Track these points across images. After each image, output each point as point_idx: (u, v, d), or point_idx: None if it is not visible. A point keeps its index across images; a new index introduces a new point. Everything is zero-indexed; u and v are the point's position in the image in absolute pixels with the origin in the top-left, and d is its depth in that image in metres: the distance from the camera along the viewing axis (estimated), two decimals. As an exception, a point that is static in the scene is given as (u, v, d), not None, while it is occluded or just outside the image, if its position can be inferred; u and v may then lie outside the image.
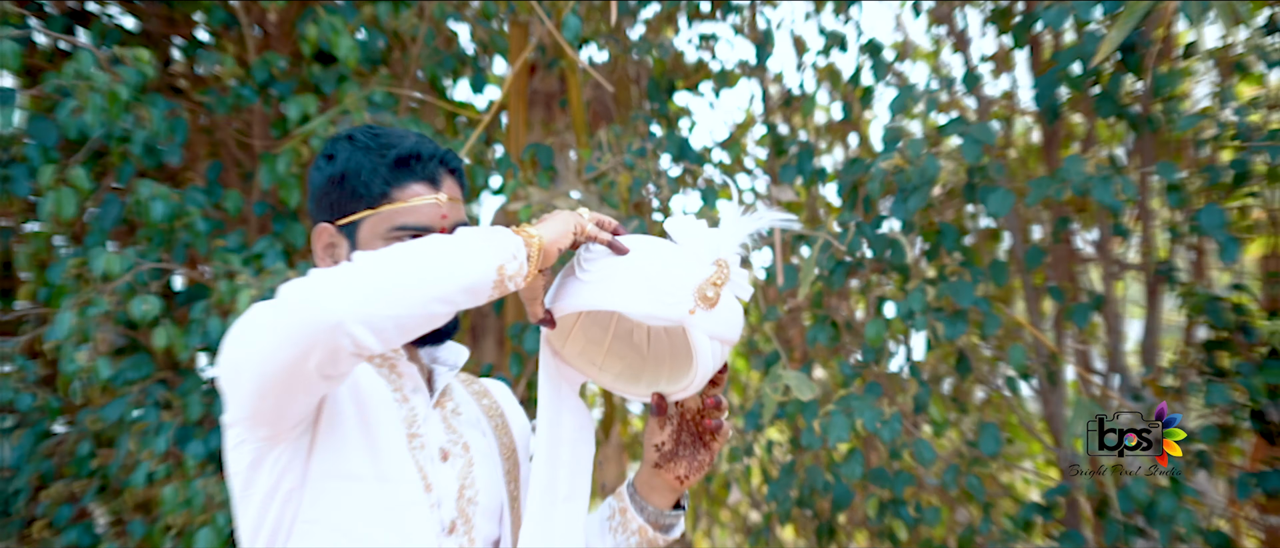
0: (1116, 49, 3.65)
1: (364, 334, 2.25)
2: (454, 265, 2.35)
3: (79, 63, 3.99)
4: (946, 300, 4.04)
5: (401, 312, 2.28)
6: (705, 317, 2.50)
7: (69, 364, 3.98)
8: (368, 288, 2.28)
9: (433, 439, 2.70)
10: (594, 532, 2.85)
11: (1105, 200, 3.74)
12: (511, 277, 2.37)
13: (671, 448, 2.73)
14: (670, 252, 2.53)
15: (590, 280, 2.52)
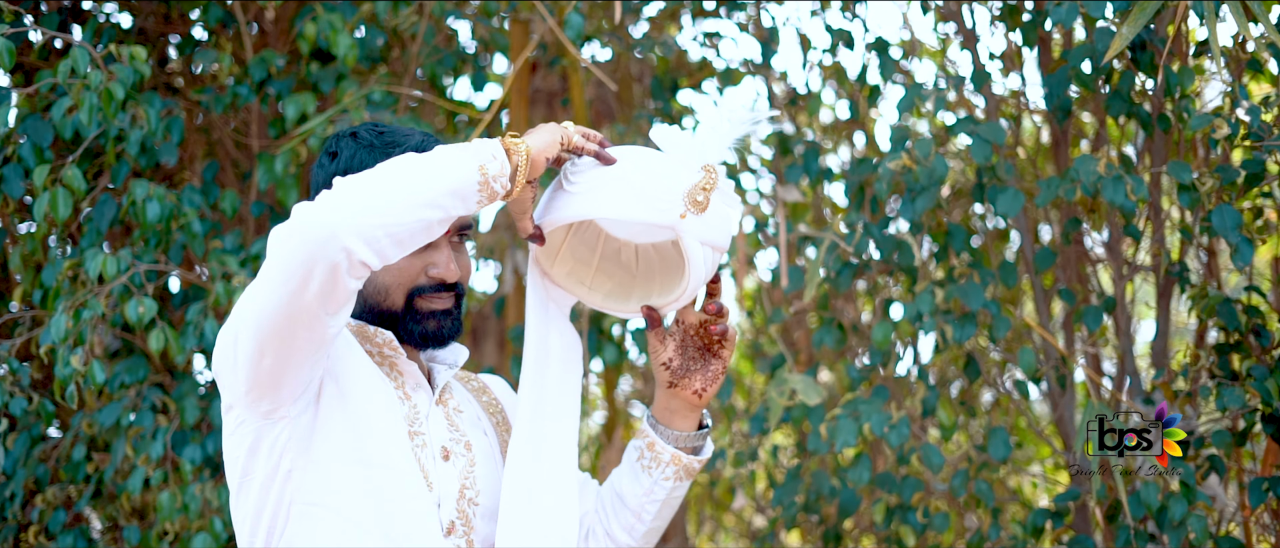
0: (1127, 46, 3.58)
1: (359, 246, 2.29)
2: (436, 169, 2.38)
3: (73, 61, 3.93)
4: (955, 303, 3.99)
5: (392, 221, 2.32)
6: (696, 221, 2.52)
7: (63, 368, 3.93)
8: (357, 202, 2.31)
9: (435, 438, 2.67)
10: (626, 481, 2.82)
11: (1117, 201, 3.68)
12: (496, 177, 2.40)
13: (681, 364, 2.74)
14: (657, 160, 2.56)
15: (578, 191, 2.53)
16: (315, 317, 2.37)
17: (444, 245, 2.67)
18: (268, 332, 2.40)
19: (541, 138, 2.50)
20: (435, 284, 2.67)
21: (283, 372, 2.45)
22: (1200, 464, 3.91)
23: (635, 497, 2.82)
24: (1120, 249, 4.22)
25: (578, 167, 2.57)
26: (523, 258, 5.04)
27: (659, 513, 2.84)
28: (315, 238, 2.29)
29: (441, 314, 2.69)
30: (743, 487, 5.01)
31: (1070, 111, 3.99)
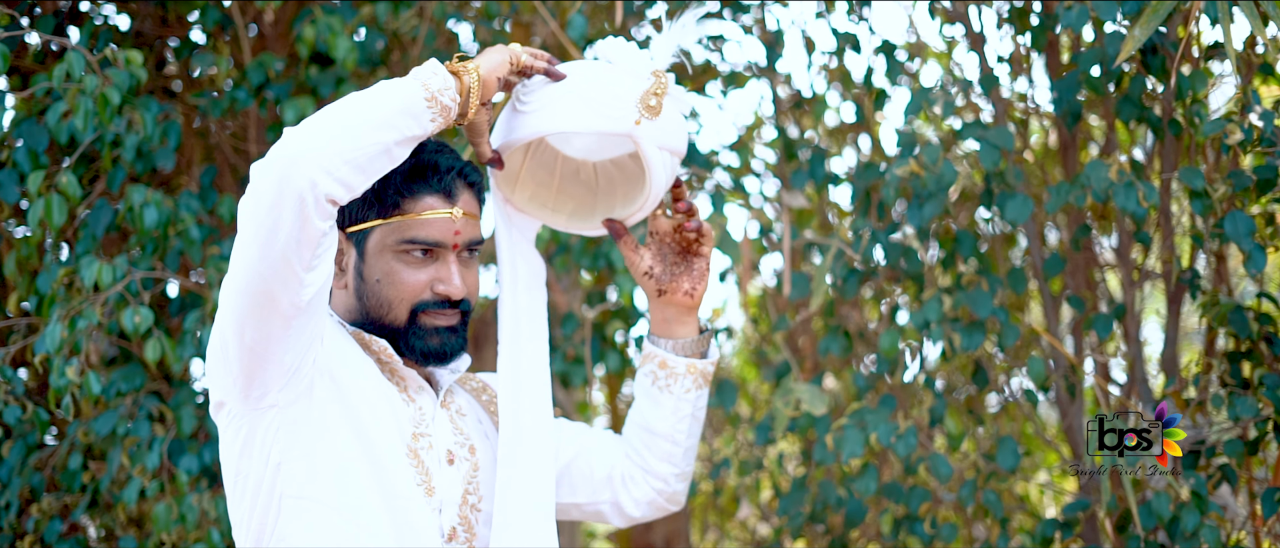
0: (1138, 50, 3.52)
1: (321, 177, 2.32)
2: (382, 94, 2.43)
3: (68, 65, 3.89)
4: (963, 310, 3.93)
5: (348, 147, 2.35)
6: (651, 126, 2.58)
7: (58, 379, 3.88)
8: (312, 136, 2.35)
9: (440, 441, 2.66)
10: (649, 412, 2.88)
11: (1128, 208, 3.62)
12: (441, 90, 2.45)
13: (663, 270, 2.81)
14: (607, 71, 2.61)
15: (532, 110, 2.59)
16: (290, 271, 2.38)
17: (451, 261, 2.65)
18: (247, 298, 2.41)
19: (491, 59, 2.55)
20: (440, 300, 2.65)
21: (267, 345, 2.45)
22: (1212, 474, 3.85)
23: (664, 422, 2.88)
24: (1130, 255, 4.15)
25: (529, 87, 2.61)
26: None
27: (690, 431, 2.91)
28: (277, 174, 2.33)
29: (445, 331, 2.67)
30: (747, 495, 4.96)
31: (1080, 116, 3.93)
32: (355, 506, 2.54)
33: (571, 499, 2.95)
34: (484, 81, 2.54)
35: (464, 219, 2.65)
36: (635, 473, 2.93)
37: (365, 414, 2.57)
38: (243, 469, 2.57)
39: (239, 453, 2.57)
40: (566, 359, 4.43)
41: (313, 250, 2.39)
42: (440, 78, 2.48)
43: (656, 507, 2.97)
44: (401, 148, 2.45)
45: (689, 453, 2.95)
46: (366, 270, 2.65)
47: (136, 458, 4.08)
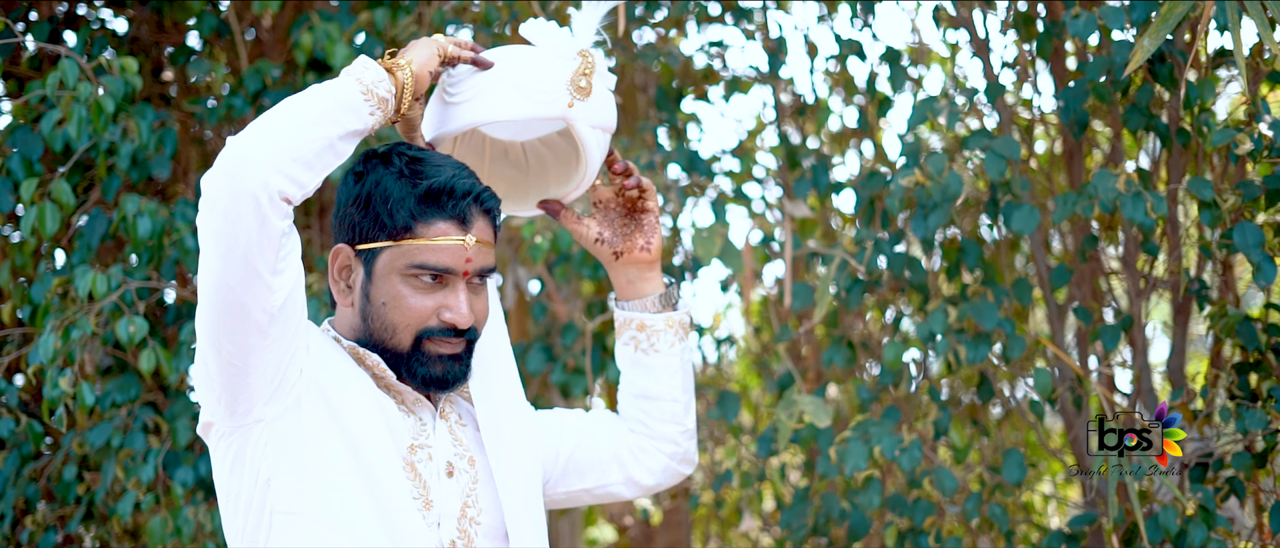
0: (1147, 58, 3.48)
1: (271, 175, 2.31)
2: (319, 92, 2.43)
3: (62, 73, 3.84)
4: (969, 322, 3.89)
5: (292, 145, 2.35)
6: (583, 107, 2.59)
7: (52, 390, 3.83)
8: (256, 139, 2.34)
9: (440, 452, 2.61)
10: (640, 379, 2.88)
11: (1137, 219, 3.58)
12: (376, 83, 2.46)
13: (613, 233, 2.82)
14: (533, 55, 2.61)
15: (463, 100, 2.59)
16: (257, 277, 2.35)
17: (460, 288, 2.59)
18: (219, 312, 2.39)
19: (421, 53, 2.55)
20: (446, 328, 2.59)
21: (246, 358, 2.42)
22: (1219, 487, 3.82)
23: (659, 383, 2.87)
24: (1136, 264, 4.10)
25: (456, 76, 2.62)
26: (525, 273, 4.94)
27: (685, 384, 2.91)
28: (227, 180, 2.32)
29: (449, 359, 2.61)
30: (750, 505, 4.90)
31: (1087, 125, 3.89)
32: (349, 520, 2.49)
33: (580, 486, 2.93)
34: (417, 77, 2.53)
35: (476, 246, 2.59)
36: (643, 443, 2.91)
37: (356, 428, 2.52)
38: (233, 488, 2.53)
39: (229, 472, 2.53)
40: (567, 370, 4.39)
41: (275, 252, 2.36)
42: (372, 71, 2.48)
43: (671, 473, 2.95)
44: (346, 143, 2.44)
45: (689, 407, 2.94)
46: (373, 292, 2.59)
47: (132, 471, 4.04)
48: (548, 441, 2.86)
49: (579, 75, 2.61)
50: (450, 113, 2.63)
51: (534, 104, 2.60)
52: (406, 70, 2.51)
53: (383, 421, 2.56)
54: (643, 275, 2.87)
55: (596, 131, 2.66)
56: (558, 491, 2.91)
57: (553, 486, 2.89)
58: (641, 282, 2.87)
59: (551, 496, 2.91)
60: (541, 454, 2.83)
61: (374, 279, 2.58)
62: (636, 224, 2.85)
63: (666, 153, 4.46)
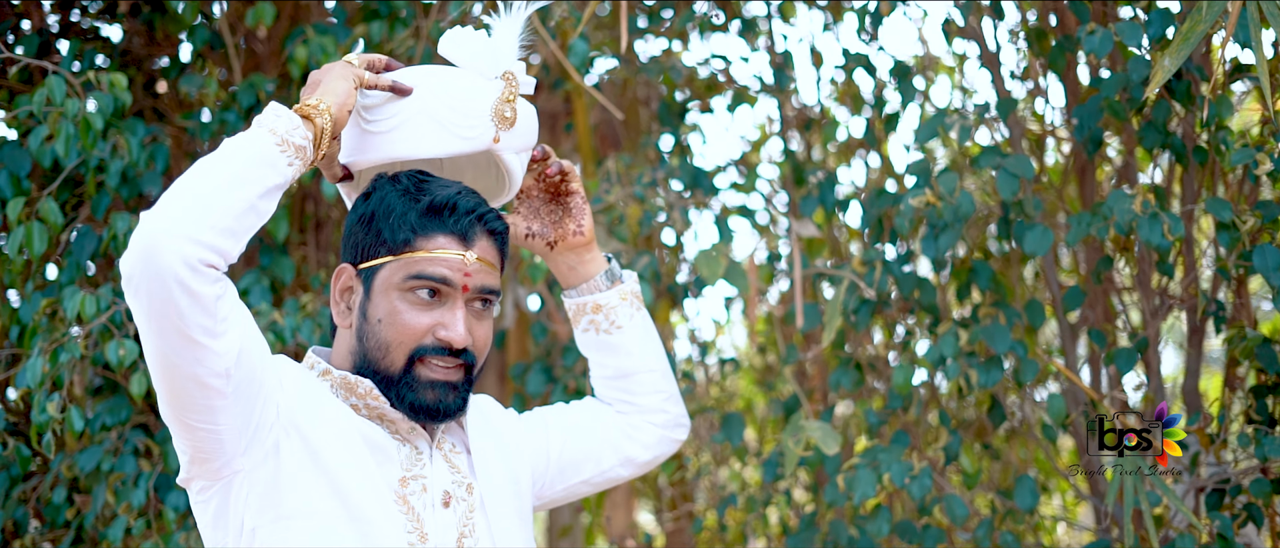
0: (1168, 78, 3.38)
1: (189, 247, 2.20)
2: (231, 151, 2.32)
3: (49, 89, 3.75)
4: (980, 345, 3.80)
5: (210, 212, 2.25)
6: (508, 137, 2.53)
7: (40, 414, 3.74)
8: (169, 210, 2.24)
9: (436, 482, 2.53)
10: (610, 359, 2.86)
11: (1153, 241, 3.48)
12: (292, 131, 2.35)
13: (541, 223, 2.76)
14: (455, 81, 2.52)
15: (383, 131, 2.50)
16: (197, 346, 2.27)
17: (458, 306, 2.52)
18: (172, 384, 2.33)
19: (337, 89, 2.45)
20: (440, 346, 2.50)
21: (213, 419, 2.36)
22: (1237, 514, 3.72)
23: (631, 358, 2.85)
24: (1151, 285, 4.00)
25: (373, 98, 2.53)
26: (524, 292, 4.85)
27: (656, 349, 2.89)
28: (143, 263, 2.23)
29: (443, 386, 2.54)
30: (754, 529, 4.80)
31: (1101, 143, 3.79)
32: None
33: (578, 479, 2.88)
34: (336, 119, 2.44)
35: (478, 264, 2.52)
36: (633, 420, 2.89)
37: (339, 468, 2.44)
38: (218, 540, 2.46)
39: (212, 524, 2.46)
40: (567, 391, 4.29)
41: (211, 317, 2.26)
42: (285, 120, 2.38)
43: (666, 441, 2.93)
44: (267, 200, 2.34)
45: (667, 371, 2.91)
46: (371, 309, 2.52)
47: (122, 495, 3.94)
48: (536, 445, 2.82)
49: (503, 103, 2.54)
50: (370, 142, 2.55)
51: (457, 141, 2.53)
52: (325, 116, 2.41)
53: (370, 455, 2.49)
54: (582, 259, 2.82)
55: (521, 154, 2.62)
56: (556, 489, 2.86)
57: (549, 485, 2.84)
58: (582, 265, 2.83)
59: (550, 495, 2.86)
60: (532, 462, 2.79)
61: (372, 296, 2.52)
62: (564, 209, 2.79)
63: (670, 169, 4.37)
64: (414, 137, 2.51)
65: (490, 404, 2.83)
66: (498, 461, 2.68)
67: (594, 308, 2.83)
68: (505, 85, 2.56)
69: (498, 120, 2.54)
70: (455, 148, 2.53)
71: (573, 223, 2.78)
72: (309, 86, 2.49)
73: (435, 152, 2.52)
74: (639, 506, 5.42)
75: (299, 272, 4.31)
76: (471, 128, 2.52)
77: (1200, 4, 3.26)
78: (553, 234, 2.78)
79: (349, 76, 2.47)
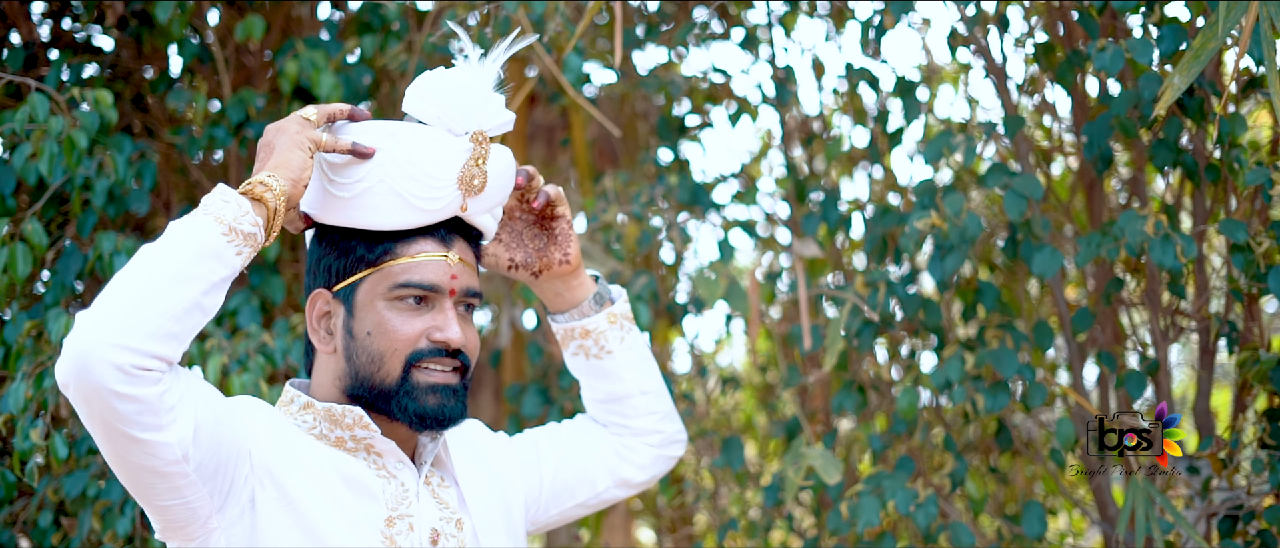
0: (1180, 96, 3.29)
1: (126, 356, 2.08)
2: (174, 245, 2.19)
3: (31, 107, 3.67)
4: (987, 369, 3.70)
5: (147, 319, 2.12)
6: (476, 201, 2.42)
7: (23, 442, 3.64)
8: (101, 323, 2.11)
9: (423, 520, 2.45)
10: (603, 384, 2.78)
11: (1166, 264, 3.39)
12: (240, 218, 2.22)
13: (526, 253, 2.67)
14: (419, 148, 2.38)
15: (345, 196, 2.39)
16: (147, 443, 2.18)
17: (448, 308, 2.45)
18: (130, 477, 2.25)
19: (291, 161, 2.32)
20: (436, 348, 2.43)
21: (182, 496, 2.28)
22: (1250, 541, 3.63)
23: (623, 382, 2.78)
24: (1161, 304, 3.91)
25: (335, 157, 2.41)
26: (519, 311, 4.76)
27: (649, 370, 2.81)
28: (76, 379, 2.12)
29: (443, 389, 2.46)
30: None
31: (1111, 161, 3.70)
32: None
33: (573, 502, 2.82)
34: (290, 197, 2.32)
35: (460, 265, 2.46)
36: (628, 442, 2.82)
37: (317, 516, 2.37)
38: None
39: None
40: (563, 413, 4.20)
41: (155, 415, 2.16)
42: (233, 205, 2.25)
43: (662, 460, 2.87)
44: (213, 295, 2.23)
45: (661, 392, 2.83)
46: (356, 326, 2.44)
47: (108, 522, 3.85)
48: (528, 469, 2.75)
49: (472, 167, 2.43)
50: (332, 203, 2.44)
51: (420, 214, 2.43)
52: (278, 196, 2.29)
53: (352, 497, 2.42)
54: (569, 285, 2.74)
55: (493, 212, 2.55)
56: (550, 513, 2.80)
57: (543, 510, 2.78)
58: (569, 291, 2.75)
59: (545, 519, 2.80)
60: (525, 488, 2.73)
61: (356, 313, 2.45)
62: (549, 235, 2.70)
63: (668, 188, 4.28)
64: (374, 208, 2.41)
65: (478, 428, 2.77)
66: (488, 489, 2.61)
67: (582, 333, 2.75)
68: (475, 147, 2.44)
69: (465, 189, 2.43)
70: (419, 220, 2.43)
71: (558, 252, 2.69)
72: (262, 149, 2.37)
73: (397, 224, 2.42)
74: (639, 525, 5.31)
75: (290, 291, 4.22)
76: (435, 199, 2.42)
77: (1213, 19, 3.16)
78: (538, 263, 2.69)
79: (304, 143, 2.34)
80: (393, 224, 2.41)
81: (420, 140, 2.42)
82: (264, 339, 3.77)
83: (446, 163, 2.41)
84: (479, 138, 2.44)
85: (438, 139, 2.43)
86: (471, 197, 2.44)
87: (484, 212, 2.50)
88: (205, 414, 2.25)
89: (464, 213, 2.46)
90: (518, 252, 2.68)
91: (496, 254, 2.68)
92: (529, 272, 2.69)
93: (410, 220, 2.41)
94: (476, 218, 2.50)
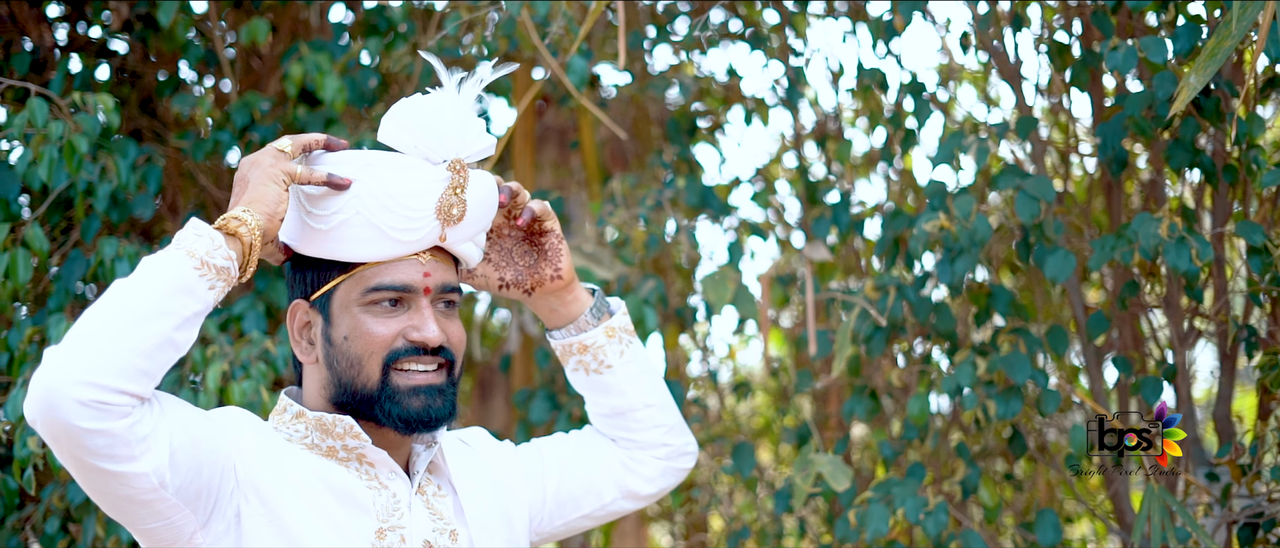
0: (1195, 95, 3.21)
1: (88, 393, 2.05)
2: (145, 280, 2.15)
3: (31, 112, 3.63)
4: (999, 374, 3.63)
5: (117, 355, 2.10)
6: (455, 231, 2.37)
7: (21, 449, 3.61)
8: (69, 360, 2.07)
9: (416, 531, 2.41)
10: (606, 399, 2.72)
11: (1181, 267, 3.31)
12: (213, 252, 2.19)
13: (516, 271, 2.61)
14: (395, 178, 2.33)
15: (323, 228, 2.34)
16: (121, 475, 2.15)
17: (424, 307, 2.41)
18: (110, 507, 2.22)
19: (265, 198, 2.29)
20: (414, 348, 2.39)
21: (168, 518, 2.24)
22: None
23: (626, 396, 2.70)
24: (1180, 309, 3.83)
25: (312, 188, 2.36)
26: (530, 317, 4.72)
27: (654, 383, 2.73)
28: (43, 416, 2.08)
29: (427, 390, 2.41)
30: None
31: (1126, 163, 3.62)
32: None
33: (578, 513, 2.75)
34: (266, 231, 2.28)
35: (432, 261, 2.42)
36: (635, 455, 2.75)
37: (303, 531, 2.33)
38: None
39: None
40: (572, 420, 4.16)
41: (127, 446, 2.13)
42: (206, 240, 2.21)
43: (671, 473, 2.80)
44: (186, 331, 2.18)
45: (666, 405, 2.76)
46: (334, 332, 2.40)
47: (112, 528, 3.82)
48: (531, 479, 2.69)
49: (450, 196, 2.38)
50: (310, 235, 2.39)
51: (400, 246, 2.38)
52: (252, 231, 2.25)
53: (342, 509, 2.37)
54: (563, 300, 2.66)
55: (476, 238, 2.50)
56: (555, 524, 2.74)
57: (547, 521, 2.72)
58: (564, 306, 2.67)
59: (549, 530, 2.74)
60: (528, 497, 2.68)
61: (333, 320, 2.41)
62: (539, 251, 2.63)
63: (677, 191, 4.22)
64: (352, 240, 2.36)
65: (481, 437, 2.72)
66: (489, 499, 2.56)
67: (580, 348, 2.67)
68: (453, 176, 2.38)
69: (443, 218, 2.38)
70: (396, 252, 2.38)
71: (549, 267, 2.62)
72: (238, 183, 2.33)
73: (376, 256, 2.37)
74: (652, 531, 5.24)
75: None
76: (413, 230, 2.37)
77: (1229, 16, 3.09)
78: (529, 281, 2.62)
79: (278, 177, 2.30)
80: (371, 256, 2.37)
81: (396, 171, 2.37)
82: (267, 346, 3.73)
83: (423, 193, 2.37)
84: (457, 166, 2.39)
85: (414, 169, 2.38)
86: (450, 226, 2.39)
87: (464, 241, 2.45)
88: (181, 438, 2.21)
89: (443, 242, 2.41)
90: (508, 270, 2.62)
91: (486, 274, 2.61)
92: (521, 289, 2.62)
93: (388, 252, 2.37)
94: (457, 247, 2.45)
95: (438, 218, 2.37)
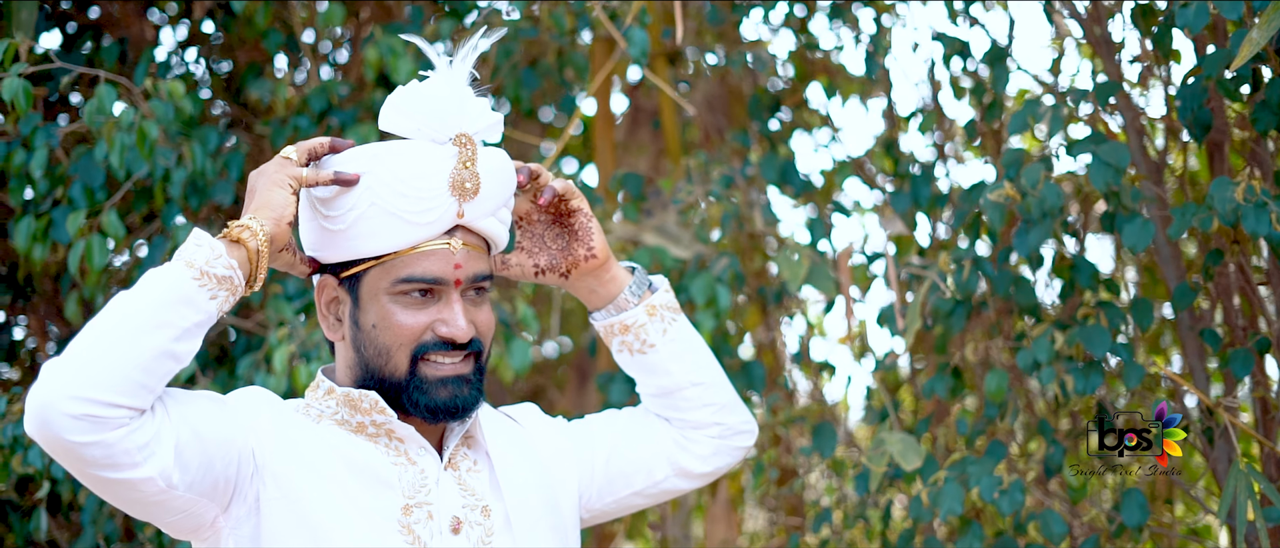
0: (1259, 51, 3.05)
1: (85, 408, 2.06)
2: (144, 292, 2.14)
3: (99, 100, 3.67)
4: (1078, 348, 3.51)
5: (113, 369, 2.09)
6: (473, 205, 2.34)
7: None
8: (65, 374, 2.06)
9: (444, 507, 2.39)
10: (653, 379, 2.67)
11: (1260, 232, 3.16)
12: (213, 262, 2.17)
13: (549, 256, 2.57)
14: (403, 162, 2.32)
15: (341, 228, 2.33)
16: (127, 481, 2.15)
17: (454, 299, 2.39)
18: (122, 505, 2.22)
19: (272, 204, 2.28)
20: (442, 342, 2.37)
21: (186, 510, 2.25)
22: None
23: (673, 375, 2.65)
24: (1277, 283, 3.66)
25: (324, 189, 2.35)
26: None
27: (701, 360, 2.68)
28: (39, 428, 2.08)
29: (454, 381, 2.39)
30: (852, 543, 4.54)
31: (1210, 126, 3.46)
32: None
33: (629, 490, 2.71)
34: (274, 237, 2.26)
35: (464, 251, 2.39)
36: (687, 433, 2.70)
37: (322, 514, 2.31)
38: None
39: None
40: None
41: (128, 454, 2.12)
42: (206, 250, 2.19)
43: (727, 452, 2.74)
44: (186, 342, 2.17)
45: (716, 382, 2.70)
46: (362, 317, 2.39)
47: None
48: (580, 455, 2.66)
49: (460, 171, 2.35)
50: (330, 239, 2.38)
51: (418, 230, 2.35)
52: (259, 237, 2.24)
53: (364, 488, 2.36)
54: (601, 280, 2.62)
55: (500, 212, 2.45)
56: (605, 501, 2.70)
57: (598, 497, 2.69)
58: (603, 287, 2.62)
59: (599, 507, 2.71)
60: (578, 473, 2.64)
61: (362, 305, 2.39)
62: (570, 232, 2.58)
63: (756, 167, 4.15)
64: (372, 234, 2.34)
65: (531, 413, 2.69)
66: (529, 472, 2.53)
67: (622, 328, 2.62)
68: (459, 151, 2.36)
69: (458, 193, 2.35)
70: (419, 236, 2.35)
71: (582, 247, 2.57)
72: (248, 194, 2.33)
73: (399, 245, 2.35)
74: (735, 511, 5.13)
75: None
76: (429, 211, 2.34)
77: (1302, -33, 2.94)
78: (564, 264, 2.58)
79: (284, 182, 2.29)
80: (393, 246, 2.35)
81: (403, 155, 2.35)
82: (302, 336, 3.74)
83: (434, 173, 2.35)
84: (462, 141, 2.37)
85: (421, 150, 2.36)
86: (466, 201, 2.36)
87: (486, 216, 2.41)
88: (187, 437, 2.21)
89: (463, 220, 2.37)
90: (542, 256, 2.58)
91: (521, 263, 2.58)
92: (557, 274, 2.58)
93: (409, 238, 2.35)
94: (479, 223, 2.41)
95: (453, 194, 2.34)
